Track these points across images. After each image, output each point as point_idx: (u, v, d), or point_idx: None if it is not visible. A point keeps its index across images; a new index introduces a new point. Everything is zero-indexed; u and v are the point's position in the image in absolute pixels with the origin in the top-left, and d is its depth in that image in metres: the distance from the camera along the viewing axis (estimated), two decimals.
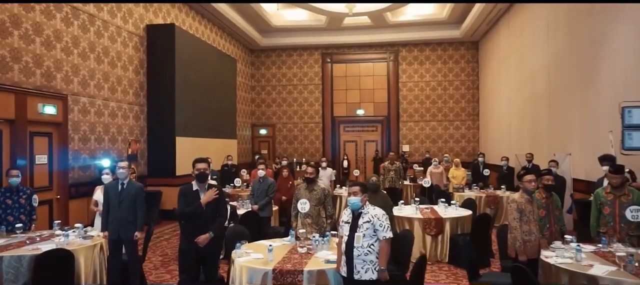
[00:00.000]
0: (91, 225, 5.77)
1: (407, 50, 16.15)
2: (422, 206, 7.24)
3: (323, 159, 11.22)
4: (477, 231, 6.17)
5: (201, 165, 4.34)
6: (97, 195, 5.65)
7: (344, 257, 3.65)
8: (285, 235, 5.47)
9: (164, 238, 8.24)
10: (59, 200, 7.51)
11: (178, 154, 10.09)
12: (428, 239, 6.47)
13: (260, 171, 6.99)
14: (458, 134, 16.03)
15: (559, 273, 3.84)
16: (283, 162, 11.65)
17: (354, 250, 3.57)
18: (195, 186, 4.36)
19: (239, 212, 6.61)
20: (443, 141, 16.07)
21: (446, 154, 13.18)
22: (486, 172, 10.54)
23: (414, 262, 4.01)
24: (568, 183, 7.60)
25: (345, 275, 3.64)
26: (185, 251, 4.44)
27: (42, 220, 6.70)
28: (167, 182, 9.86)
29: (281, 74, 16.81)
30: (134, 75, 9.74)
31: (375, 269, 3.56)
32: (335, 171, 11.69)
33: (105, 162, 7.94)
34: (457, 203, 7.43)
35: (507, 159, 10.25)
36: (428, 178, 9.96)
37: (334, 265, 3.82)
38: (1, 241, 4.74)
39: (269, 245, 4.18)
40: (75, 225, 5.27)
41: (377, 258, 3.57)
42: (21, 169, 5.70)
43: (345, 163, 15.21)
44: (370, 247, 3.57)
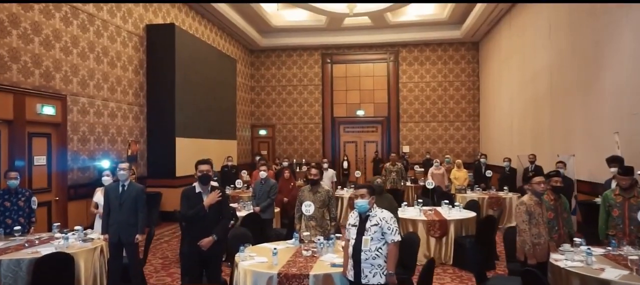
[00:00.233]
0: (91, 227, 5.68)
1: (408, 50, 16.10)
2: (426, 208, 7.16)
3: (324, 160, 11.15)
4: (483, 233, 6.10)
5: (204, 166, 4.27)
6: (97, 197, 5.56)
7: (351, 261, 3.57)
8: (287, 237, 5.40)
9: (164, 240, 8.15)
10: (58, 202, 7.42)
11: (178, 155, 10.00)
12: (432, 241, 6.40)
13: (262, 172, 6.89)
14: (458, 135, 15.98)
15: (570, 277, 3.76)
16: (284, 163, 11.56)
17: (362, 254, 3.49)
18: (198, 188, 4.29)
19: (240, 214, 6.54)
20: (443, 142, 16.01)
21: (447, 155, 13.11)
22: (489, 174, 10.47)
23: (422, 266, 3.93)
24: None
25: (352, 279, 3.55)
26: (187, 254, 4.36)
27: (41, 222, 6.60)
28: (167, 183, 9.78)
29: (281, 75, 16.73)
30: (134, 75, 9.64)
31: (383, 273, 3.48)
32: (335, 172, 11.59)
33: (104, 164, 7.84)
34: (461, 205, 7.36)
35: (509, 160, 10.17)
36: (430, 179, 9.90)
37: (340, 268, 3.74)
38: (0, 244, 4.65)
39: (274, 248, 4.10)
40: (75, 227, 5.17)
41: (385, 262, 3.49)
42: (19, 170, 5.62)
43: (345, 164, 15.11)
44: (378, 251, 3.49)
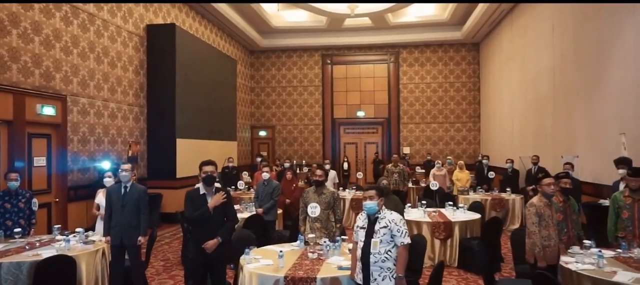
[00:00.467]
0: (92, 229, 5.60)
1: (408, 51, 16.06)
2: (430, 209, 7.11)
3: (326, 161, 11.09)
4: (488, 235, 6.04)
5: (208, 167, 4.20)
6: (99, 198, 5.50)
7: (360, 264, 3.50)
8: (291, 239, 5.34)
9: (165, 242, 8.07)
10: (58, 203, 7.33)
11: (178, 156, 9.92)
12: (437, 243, 6.34)
13: (264, 174, 6.81)
14: (459, 136, 15.94)
15: (581, 280, 3.71)
16: (285, 165, 11.49)
17: (371, 256, 3.43)
18: (202, 190, 4.21)
19: (242, 216, 6.46)
20: (444, 143, 15.97)
21: (449, 157, 13.07)
22: (491, 175, 10.43)
23: (432, 269, 3.86)
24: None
25: (360, 282, 3.49)
26: (192, 257, 4.28)
27: (41, 224, 6.53)
28: (168, 185, 9.71)
29: (281, 76, 16.66)
30: (134, 75, 9.57)
31: (392, 277, 3.41)
32: (336, 173, 11.53)
33: (105, 165, 7.77)
34: (465, 206, 7.30)
35: (512, 162, 10.13)
36: (433, 181, 9.85)
37: (348, 271, 3.68)
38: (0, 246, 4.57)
39: (280, 251, 4.04)
40: (76, 229, 5.10)
41: (395, 265, 3.43)
42: (19, 172, 5.53)
43: (345, 165, 15.06)
44: (387, 254, 3.42)
